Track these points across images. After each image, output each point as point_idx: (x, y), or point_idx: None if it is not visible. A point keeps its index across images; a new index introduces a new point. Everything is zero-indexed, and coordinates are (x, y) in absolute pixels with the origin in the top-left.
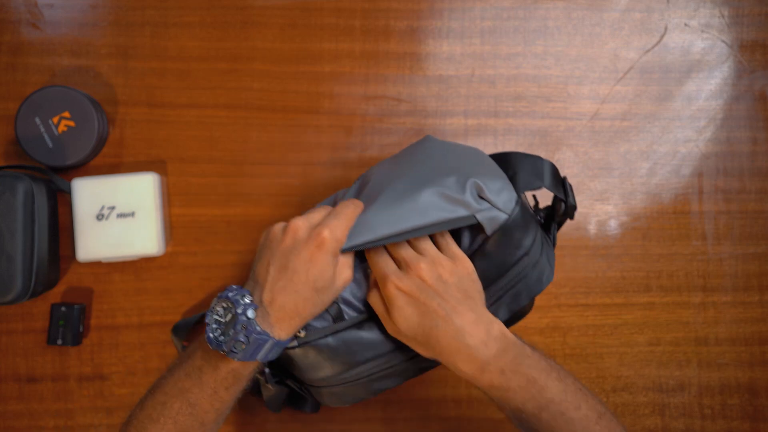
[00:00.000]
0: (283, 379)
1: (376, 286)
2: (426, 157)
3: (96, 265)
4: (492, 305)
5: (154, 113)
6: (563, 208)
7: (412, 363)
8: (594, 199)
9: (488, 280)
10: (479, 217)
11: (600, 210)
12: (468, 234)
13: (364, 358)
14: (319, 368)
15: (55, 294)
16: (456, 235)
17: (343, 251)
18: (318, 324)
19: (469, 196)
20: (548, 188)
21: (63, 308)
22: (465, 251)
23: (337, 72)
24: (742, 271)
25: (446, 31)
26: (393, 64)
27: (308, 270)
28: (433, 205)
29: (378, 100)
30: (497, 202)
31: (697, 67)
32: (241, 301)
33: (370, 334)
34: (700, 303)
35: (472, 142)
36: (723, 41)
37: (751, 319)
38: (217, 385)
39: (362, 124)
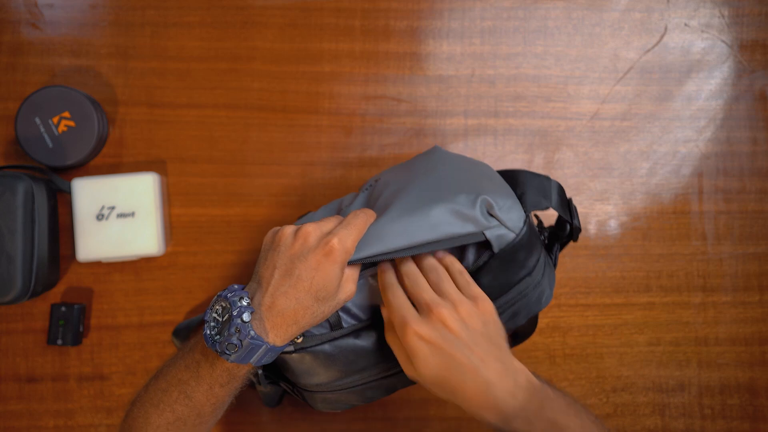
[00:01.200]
0: (277, 380)
1: (393, 327)
2: (437, 171)
3: (96, 265)
4: None
5: (154, 113)
6: (567, 229)
7: (398, 378)
8: (594, 199)
9: (490, 296)
10: (488, 234)
11: (600, 210)
12: (473, 249)
13: (360, 366)
14: (314, 374)
15: (55, 294)
16: (461, 250)
17: (351, 263)
18: (316, 330)
19: (479, 213)
20: (555, 209)
21: (63, 308)
22: (469, 266)
23: (337, 72)
24: (742, 271)
25: (446, 31)
26: (393, 64)
27: (313, 278)
28: (444, 221)
29: (378, 100)
30: (506, 221)
31: (697, 67)
32: (238, 303)
33: (366, 343)
34: (700, 303)
35: (472, 142)
36: (723, 41)
37: (751, 319)
38: (213, 381)
39: (362, 124)
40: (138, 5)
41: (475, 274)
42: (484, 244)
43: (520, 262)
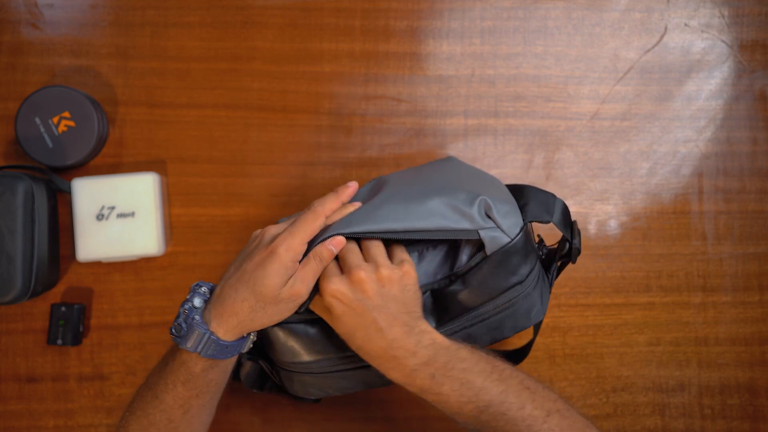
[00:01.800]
0: (257, 358)
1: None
2: (443, 172)
3: (96, 265)
4: (472, 326)
5: (154, 113)
6: (567, 248)
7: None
8: (594, 199)
9: (477, 300)
10: (482, 234)
11: (600, 210)
12: (467, 251)
13: (339, 351)
14: (294, 353)
15: (55, 294)
16: (456, 250)
17: (339, 234)
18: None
19: (476, 212)
20: (556, 225)
21: (63, 308)
22: (461, 267)
23: (337, 72)
24: (742, 271)
25: (446, 31)
26: (393, 64)
27: (253, 271)
28: (438, 213)
29: (378, 100)
30: (502, 224)
31: (697, 67)
32: (197, 290)
33: (315, 330)
34: (700, 303)
35: (472, 142)
36: (723, 41)
37: (751, 319)
38: (175, 379)
39: (362, 124)
40: (138, 5)
41: (466, 274)
42: (478, 246)
43: (512, 268)
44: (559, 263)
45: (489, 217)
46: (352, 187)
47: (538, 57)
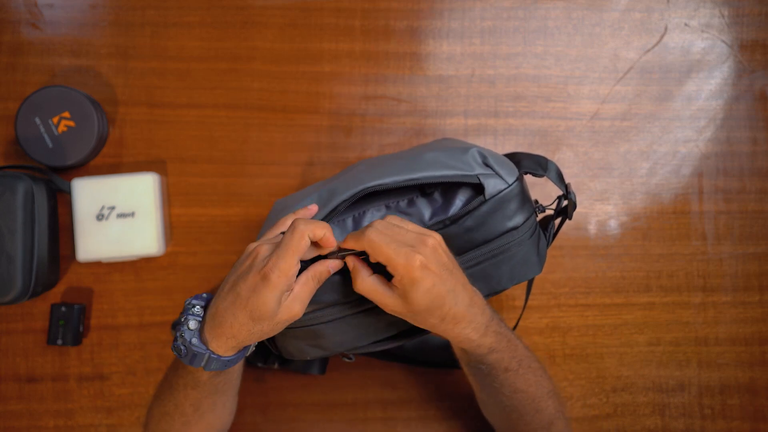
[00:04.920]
0: None
1: (361, 274)
2: (432, 143)
3: (96, 265)
4: (471, 268)
5: (154, 113)
6: (561, 203)
7: (368, 318)
8: (594, 199)
9: (473, 243)
10: (482, 178)
11: (600, 210)
12: (462, 197)
13: (330, 299)
14: None
15: (55, 294)
16: (448, 197)
17: (341, 205)
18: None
19: (472, 160)
20: (550, 179)
21: (63, 308)
22: (457, 212)
23: (337, 72)
24: (742, 271)
25: (446, 31)
26: (393, 64)
27: (249, 298)
28: (438, 162)
29: (378, 100)
30: (500, 171)
31: (697, 67)
32: (190, 311)
33: (339, 275)
34: (700, 303)
35: (472, 142)
36: (723, 41)
37: (751, 319)
38: (185, 383)
39: (362, 124)
40: (138, 5)
41: (463, 218)
42: (475, 191)
43: (509, 213)
44: (557, 222)
45: (487, 165)
46: (312, 208)
47: (538, 57)
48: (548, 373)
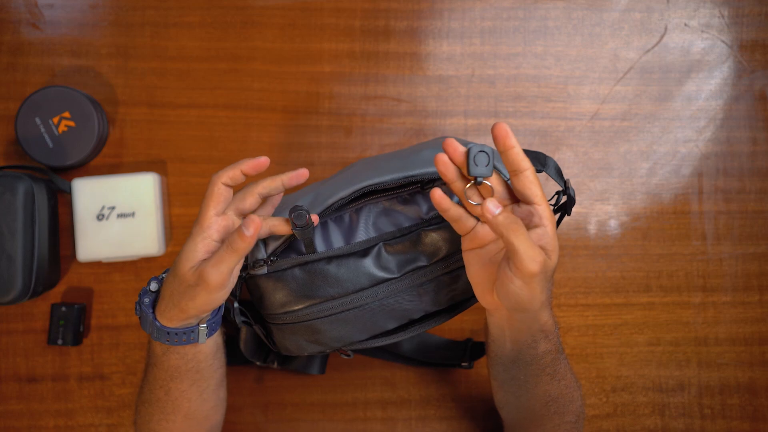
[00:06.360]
0: (251, 323)
1: (489, 259)
2: (424, 143)
3: (96, 265)
4: None
5: (154, 113)
6: (560, 198)
7: (366, 313)
8: (594, 199)
9: None
10: None
11: (600, 210)
12: None
13: (327, 294)
14: (283, 302)
15: (55, 294)
16: (450, 191)
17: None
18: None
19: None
20: (549, 174)
21: (63, 308)
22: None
23: (337, 72)
24: (742, 271)
25: (446, 31)
26: (393, 64)
27: (179, 255)
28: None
29: (378, 100)
30: (498, 166)
31: (697, 67)
32: (156, 276)
33: (336, 270)
34: (700, 303)
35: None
36: (723, 41)
37: (751, 319)
38: (149, 360)
39: (362, 124)
40: (138, 5)
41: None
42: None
43: None
44: (556, 216)
45: None
46: (261, 160)
47: (538, 57)
48: None
